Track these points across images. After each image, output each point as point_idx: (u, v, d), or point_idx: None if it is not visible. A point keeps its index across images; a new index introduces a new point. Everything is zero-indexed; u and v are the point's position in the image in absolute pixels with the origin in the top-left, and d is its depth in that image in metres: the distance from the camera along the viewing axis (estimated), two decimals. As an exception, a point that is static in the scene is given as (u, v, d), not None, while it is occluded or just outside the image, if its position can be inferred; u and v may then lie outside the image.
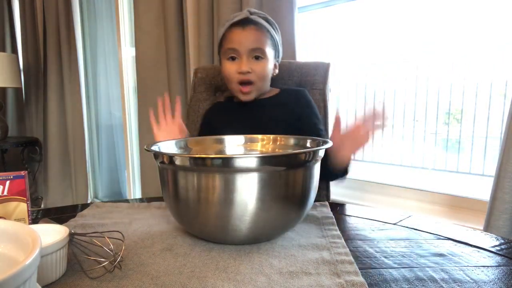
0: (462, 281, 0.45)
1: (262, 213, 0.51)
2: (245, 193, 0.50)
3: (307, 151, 0.53)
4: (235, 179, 0.49)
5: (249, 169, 0.49)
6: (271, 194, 0.51)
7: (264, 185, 0.50)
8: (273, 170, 0.50)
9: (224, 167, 0.49)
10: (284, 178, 0.52)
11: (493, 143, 1.31)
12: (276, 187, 0.51)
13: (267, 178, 0.50)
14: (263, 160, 0.49)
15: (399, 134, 1.62)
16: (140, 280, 0.44)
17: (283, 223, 0.55)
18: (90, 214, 0.70)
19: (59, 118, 2.55)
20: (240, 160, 0.49)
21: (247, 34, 0.96)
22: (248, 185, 0.49)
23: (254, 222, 0.51)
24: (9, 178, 0.55)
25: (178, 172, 0.53)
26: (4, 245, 0.33)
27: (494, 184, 0.99)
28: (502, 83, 1.29)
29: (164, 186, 0.57)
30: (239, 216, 0.50)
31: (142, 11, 1.78)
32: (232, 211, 0.50)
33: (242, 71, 0.95)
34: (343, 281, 0.44)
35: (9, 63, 2.42)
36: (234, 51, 0.97)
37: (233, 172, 0.49)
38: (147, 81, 1.82)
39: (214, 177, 0.50)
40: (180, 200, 0.53)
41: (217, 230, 0.53)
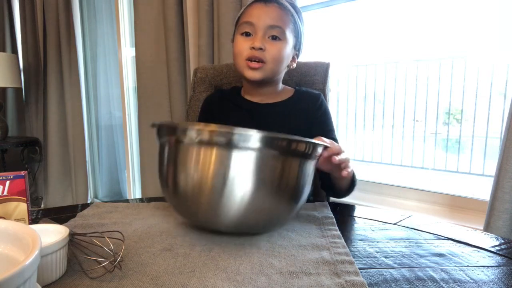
0: (462, 281, 0.45)
1: (254, 195, 0.50)
2: (241, 171, 0.49)
3: (308, 141, 0.54)
4: (232, 155, 0.49)
5: (248, 147, 0.49)
6: (265, 176, 0.50)
7: (260, 166, 0.50)
8: (271, 153, 0.50)
9: (226, 141, 0.49)
10: (281, 163, 0.51)
11: (493, 143, 1.31)
12: (272, 170, 0.51)
13: (265, 159, 0.50)
14: (264, 140, 0.49)
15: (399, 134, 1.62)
16: (140, 280, 0.44)
17: (275, 212, 0.55)
18: (90, 214, 0.70)
19: (59, 118, 2.55)
20: (242, 135, 0.48)
21: (268, 10, 0.87)
22: (245, 163, 0.49)
23: (246, 206, 0.51)
24: (9, 178, 0.55)
25: (181, 145, 0.52)
26: (4, 245, 0.33)
27: (494, 184, 0.99)
28: (502, 83, 1.29)
29: (163, 162, 0.57)
30: (232, 196, 0.50)
31: (142, 11, 1.78)
32: (226, 188, 0.50)
33: (255, 46, 0.86)
34: (343, 281, 0.44)
35: (9, 63, 2.42)
36: (250, 26, 0.88)
37: (232, 148, 0.49)
38: (147, 81, 1.82)
39: (213, 150, 0.50)
40: (177, 175, 0.53)
41: (205, 209, 0.53)
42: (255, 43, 0.86)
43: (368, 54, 1.62)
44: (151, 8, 1.77)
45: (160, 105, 1.81)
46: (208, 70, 1.21)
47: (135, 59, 1.84)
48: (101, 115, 2.71)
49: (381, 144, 1.66)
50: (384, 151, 1.66)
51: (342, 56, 1.65)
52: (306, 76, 1.11)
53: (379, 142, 1.67)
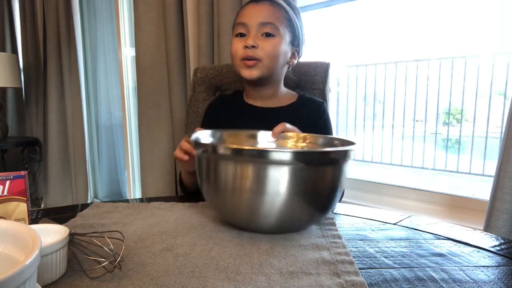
0: (462, 281, 0.45)
1: (289, 204, 0.55)
2: (276, 184, 0.53)
3: (337, 150, 0.57)
4: (269, 170, 0.53)
5: (282, 162, 0.53)
6: (299, 188, 0.54)
7: (294, 179, 0.54)
8: (303, 166, 0.54)
9: (260, 158, 0.53)
10: (313, 174, 0.55)
11: (493, 143, 1.31)
12: (305, 182, 0.54)
13: (297, 172, 0.54)
14: (296, 156, 0.53)
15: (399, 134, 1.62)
16: (140, 280, 0.44)
17: (309, 216, 0.59)
18: (90, 214, 0.70)
19: (59, 118, 2.55)
20: (276, 153, 0.53)
21: (260, 8, 0.88)
22: (279, 177, 0.53)
23: (282, 213, 0.55)
24: (9, 178, 0.55)
25: (219, 161, 0.57)
26: (4, 245, 0.33)
27: (494, 184, 0.99)
28: (502, 83, 1.29)
29: (202, 174, 0.61)
30: (269, 205, 0.54)
31: (142, 11, 1.78)
32: (262, 199, 0.54)
33: (247, 44, 0.86)
34: (343, 281, 0.44)
35: (9, 63, 2.42)
36: (243, 26, 0.88)
37: (267, 163, 0.53)
38: (147, 81, 1.82)
39: (248, 167, 0.54)
40: (218, 187, 0.58)
41: (248, 217, 0.58)
42: (247, 41, 0.86)
43: (368, 54, 1.62)
44: (151, 8, 1.77)
45: (160, 105, 1.81)
46: (208, 70, 1.21)
47: (135, 59, 1.84)
48: (101, 115, 2.71)
49: (381, 144, 1.66)
50: (384, 151, 1.66)
51: (342, 56, 1.65)
52: (306, 76, 1.11)
53: (379, 142, 1.67)
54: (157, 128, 1.82)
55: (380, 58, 1.60)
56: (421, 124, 1.53)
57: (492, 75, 1.30)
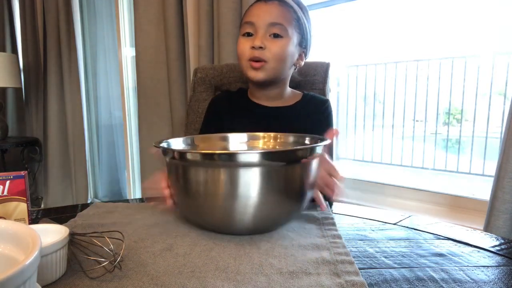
0: (462, 281, 0.45)
1: (263, 205, 0.54)
2: (247, 186, 0.53)
3: (304, 148, 0.58)
4: (239, 173, 0.53)
5: (252, 164, 0.53)
6: (271, 187, 0.54)
7: (265, 179, 0.53)
8: (273, 165, 0.54)
9: (230, 162, 0.53)
10: (283, 173, 0.55)
11: (493, 143, 1.31)
12: (276, 181, 0.55)
13: (268, 173, 0.53)
14: (264, 156, 0.53)
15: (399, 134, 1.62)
16: (140, 280, 0.44)
17: (283, 215, 0.59)
18: (90, 214, 0.70)
19: (59, 118, 2.55)
20: (244, 155, 0.53)
21: (268, 7, 0.86)
22: (250, 179, 0.53)
23: (256, 213, 0.55)
24: (9, 178, 0.55)
25: (187, 167, 0.56)
26: (4, 245, 0.33)
27: (494, 184, 0.99)
28: (502, 83, 1.29)
29: (172, 180, 0.60)
30: (242, 207, 0.54)
31: (142, 11, 1.78)
32: (236, 202, 0.54)
33: (255, 45, 0.84)
34: (343, 281, 0.44)
35: (9, 63, 2.42)
36: (251, 26, 0.86)
37: (237, 166, 0.53)
38: (147, 81, 1.82)
39: (220, 171, 0.53)
40: (188, 193, 0.57)
41: (222, 221, 0.57)
42: (255, 42, 0.85)
43: (368, 54, 1.62)
44: (151, 8, 1.77)
45: (160, 105, 1.81)
46: (208, 70, 1.21)
47: (135, 59, 1.85)
48: (101, 115, 2.71)
49: (381, 144, 1.66)
50: (384, 151, 1.66)
51: (342, 56, 1.65)
52: (306, 76, 1.11)
53: (379, 142, 1.67)
54: (157, 128, 1.82)
55: (380, 58, 1.60)
56: (421, 124, 1.53)
57: (492, 75, 1.30)
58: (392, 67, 1.57)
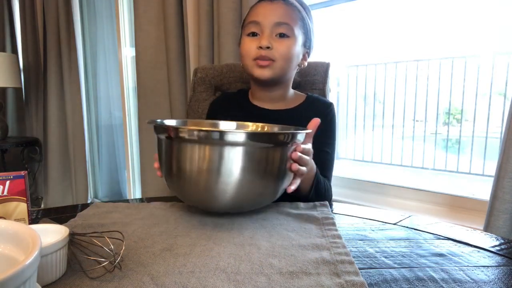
0: (462, 281, 0.45)
1: (244, 183, 0.58)
2: (231, 164, 0.57)
3: (285, 133, 0.61)
4: (224, 151, 0.57)
5: (236, 143, 0.57)
6: (252, 167, 0.58)
7: (247, 158, 0.58)
8: (256, 146, 0.58)
9: (217, 139, 0.57)
10: (265, 154, 0.59)
11: (493, 143, 1.31)
12: (257, 161, 0.59)
13: (250, 153, 0.58)
14: (248, 136, 0.57)
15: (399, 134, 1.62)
16: (140, 280, 0.44)
17: (261, 194, 0.63)
18: (90, 214, 0.70)
19: (59, 118, 2.55)
20: (230, 134, 0.57)
21: (274, 7, 0.84)
22: (234, 157, 0.57)
23: (237, 190, 0.59)
24: (9, 178, 0.55)
25: (177, 143, 0.60)
26: (4, 245, 0.33)
27: (494, 184, 0.99)
28: (502, 83, 1.29)
29: (161, 156, 0.64)
30: (224, 184, 0.58)
31: (142, 11, 1.78)
32: (219, 178, 0.58)
33: (262, 45, 0.83)
34: (343, 281, 0.44)
35: (9, 63, 2.42)
36: (256, 25, 0.85)
37: (223, 145, 0.57)
38: (147, 81, 1.82)
39: (206, 148, 0.57)
40: (176, 169, 0.61)
41: (205, 196, 0.61)
42: (262, 42, 0.83)
43: (368, 54, 1.62)
44: (151, 8, 1.77)
45: (160, 105, 1.81)
46: (208, 70, 1.21)
47: (135, 59, 1.85)
48: (101, 115, 2.71)
49: (381, 144, 1.66)
50: (384, 151, 1.66)
51: (342, 56, 1.65)
52: (306, 76, 1.11)
53: (379, 142, 1.67)
54: (157, 128, 1.81)
55: (380, 58, 1.60)
56: (421, 124, 1.53)
57: (492, 75, 1.30)
58: (392, 67, 1.57)
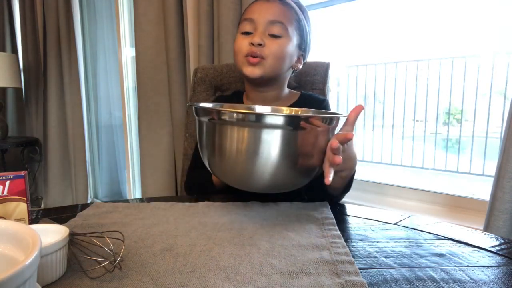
0: (462, 281, 0.45)
1: (279, 165, 0.60)
2: (268, 146, 0.59)
3: (323, 116, 0.61)
4: (262, 133, 0.58)
5: (275, 125, 0.58)
6: (288, 150, 0.59)
7: (284, 141, 0.59)
8: (292, 129, 0.59)
9: (256, 122, 0.58)
10: (302, 136, 0.60)
11: (493, 143, 1.31)
12: (293, 144, 0.60)
13: (286, 135, 0.59)
14: (286, 119, 0.58)
15: (399, 134, 1.62)
16: (140, 280, 0.44)
17: (297, 177, 0.64)
18: (90, 214, 0.70)
19: (59, 118, 2.55)
20: (269, 117, 0.58)
21: (270, 5, 0.84)
22: (271, 139, 0.58)
23: (274, 171, 0.60)
24: (9, 178, 0.55)
25: (218, 125, 0.61)
26: (4, 245, 0.33)
27: (494, 184, 0.99)
28: (502, 83, 1.29)
29: (202, 138, 0.66)
30: (262, 165, 0.60)
31: (142, 11, 1.78)
32: (257, 160, 0.59)
33: (254, 42, 0.82)
34: (343, 281, 0.44)
35: (9, 63, 2.42)
36: (251, 23, 0.84)
37: (261, 127, 0.58)
38: (147, 81, 1.82)
39: (245, 130, 0.59)
40: (217, 150, 0.63)
41: (244, 176, 0.63)
42: (254, 38, 0.83)
43: (368, 54, 1.62)
44: (151, 8, 1.77)
45: (160, 105, 1.81)
46: (208, 70, 1.21)
47: (135, 59, 1.85)
48: (101, 115, 2.71)
49: (381, 144, 1.66)
50: (384, 151, 1.66)
51: (342, 56, 1.65)
52: (306, 76, 1.11)
53: (379, 142, 1.67)
54: (157, 128, 1.82)
55: (380, 58, 1.60)
56: (421, 124, 1.53)
57: (492, 75, 1.30)
58: (392, 67, 1.57)
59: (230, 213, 0.69)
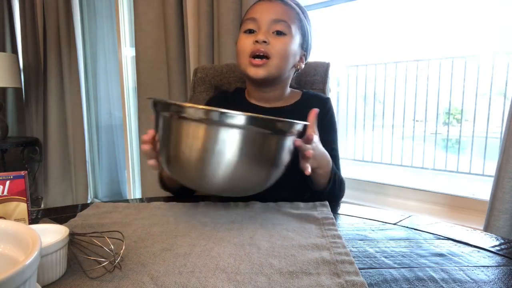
0: (462, 281, 0.45)
1: (236, 165, 0.58)
2: (225, 145, 0.57)
3: (283, 120, 0.59)
4: (220, 131, 0.56)
5: (233, 125, 0.56)
6: (247, 150, 0.57)
7: (242, 142, 0.57)
8: (254, 131, 0.57)
9: (216, 120, 0.56)
10: (260, 139, 0.58)
11: (493, 143, 1.31)
12: (252, 144, 0.58)
13: (246, 136, 0.57)
14: (246, 119, 0.56)
15: (399, 134, 1.62)
16: (140, 280, 0.44)
17: (255, 180, 0.62)
18: (90, 214, 0.70)
19: (59, 118, 2.55)
20: (228, 116, 0.56)
21: (272, 5, 0.86)
22: (229, 139, 0.56)
23: (229, 172, 0.58)
24: (9, 178, 0.55)
25: (175, 120, 0.59)
26: (4, 245, 0.33)
27: (494, 184, 0.99)
28: (502, 83, 1.29)
29: (158, 131, 0.63)
30: (216, 164, 0.57)
31: (142, 11, 1.78)
32: (212, 158, 0.57)
33: (258, 39, 0.83)
34: (343, 281, 0.44)
35: (9, 63, 2.42)
36: (254, 22, 0.85)
37: (220, 125, 0.56)
38: (147, 81, 1.82)
39: (202, 127, 0.56)
40: (171, 145, 0.60)
41: (196, 175, 0.60)
42: (258, 36, 0.83)
43: (368, 54, 1.62)
44: (151, 8, 1.77)
45: (160, 105, 1.81)
46: (208, 70, 1.21)
47: (135, 59, 1.85)
48: (101, 115, 2.71)
49: (381, 144, 1.66)
50: (384, 151, 1.66)
51: (342, 56, 1.65)
52: (306, 76, 1.11)
53: (379, 142, 1.67)
54: (157, 128, 1.82)
55: (380, 58, 1.60)
56: (421, 124, 1.53)
57: (492, 75, 1.30)
58: (392, 67, 1.57)
59: (230, 213, 0.69)
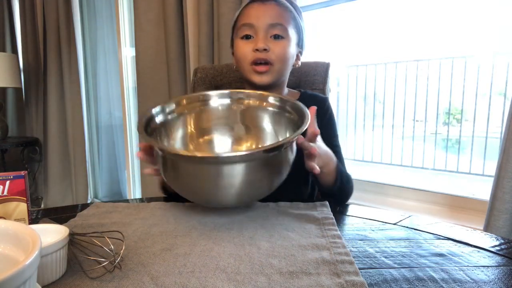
0: (462, 281, 0.45)
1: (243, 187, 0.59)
2: (229, 179, 0.57)
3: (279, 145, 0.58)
4: (222, 169, 0.57)
5: (232, 162, 0.56)
6: (250, 178, 0.58)
7: (244, 172, 0.57)
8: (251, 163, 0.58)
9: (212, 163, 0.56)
10: (261, 166, 0.59)
11: (493, 143, 1.31)
12: (254, 172, 0.59)
13: (246, 168, 0.57)
14: (241, 157, 0.57)
15: (399, 134, 1.62)
16: (140, 280, 0.44)
17: (260, 192, 0.64)
18: (90, 214, 0.70)
19: (59, 118, 2.55)
20: (225, 158, 0.57)
21: (267, 8, 0.84)
22: (231, 173, 0.57)
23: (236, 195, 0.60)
24: (9, 178, 0.55)
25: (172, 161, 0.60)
26: (4, 245, 0.33)
27: (494, 184, 0.99)
28: (502, 83, 1.29)
29: (161, 167, 0.64)
30: (223, 196, 0.59)
31: (142, 11, 1.78)
32: (218, 192, 0.59)
33: (258, 47, 0.82)
34: (343, 281, 0.44)
35: (9, 63, 2.42)
36: (250, 28, 0.84)
37: (219, 164, 0.56)
38: (147, 81, 1.82)
39: (203, 168, 0.57)
40: (173, 178, 0.62)
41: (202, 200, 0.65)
42: (258, 44, 0.83)
43: (368, 54, 1.62)
44: (151, 8, 1.77)
45: (160, 105, 1.81)
46: (208, 70, 1.21)
47: (135, 59, 1.85)
48: (101, 115, 2.71)
49: (381, 144, 1.66)
50: (384, 151, 1.66)
51: (342, 56, 1.65)
52: (306, 76, 1.11)
53: (379, 142, 1.67)
54: (157, 128, 1.82)
55: (380, 58, 1.60)
56: (421, 124, 1.53)
57: (492, 75, 1.30)
58: (392, 67, 1.57)
59: (230, 213, 0.69)
